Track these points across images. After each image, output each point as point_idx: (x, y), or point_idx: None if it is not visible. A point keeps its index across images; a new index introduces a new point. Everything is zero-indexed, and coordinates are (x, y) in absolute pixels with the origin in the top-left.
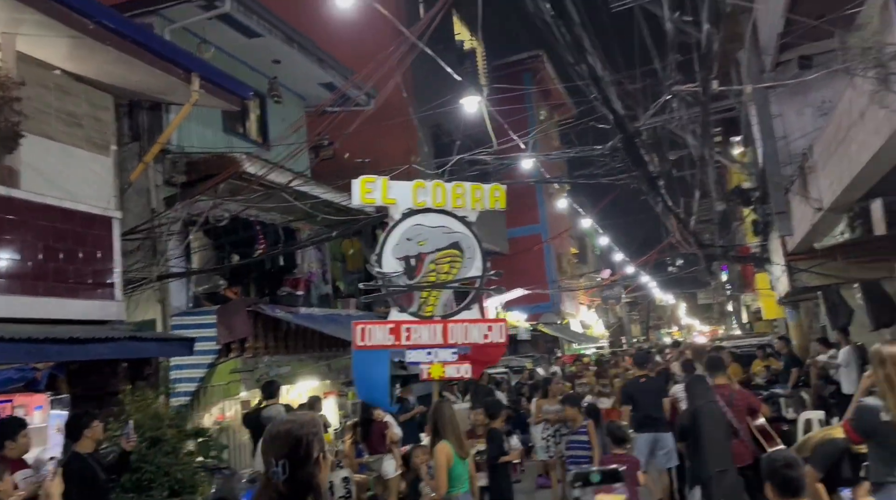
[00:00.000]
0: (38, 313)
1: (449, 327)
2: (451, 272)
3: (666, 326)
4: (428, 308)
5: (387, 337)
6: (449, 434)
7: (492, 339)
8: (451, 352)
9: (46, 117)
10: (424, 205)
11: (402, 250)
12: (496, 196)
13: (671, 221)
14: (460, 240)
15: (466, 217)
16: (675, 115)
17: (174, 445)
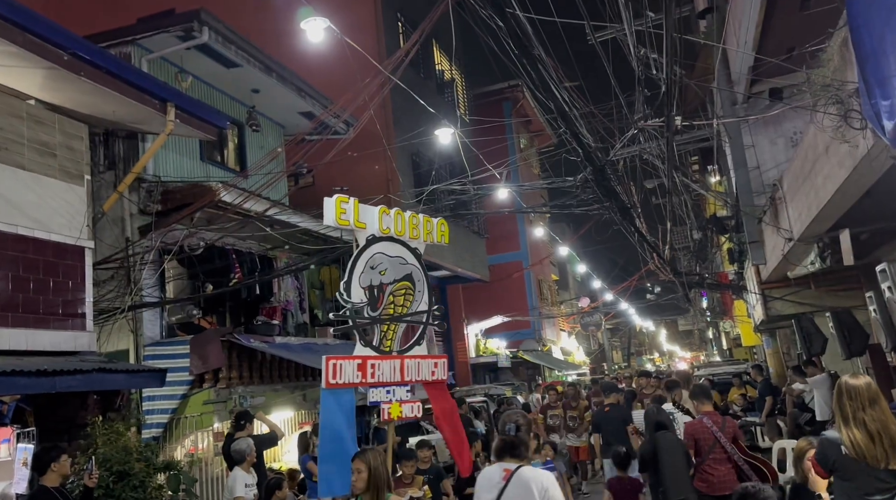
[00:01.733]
0: (6, 344)
1: (405, 364)
2: (405, 305)
3: (647, 352)
4: (387, 343)
5: (355, 374)
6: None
7: (438, 375)
8: (406, 390)
9: (19, 147)
10: (388, 232)
11: (366, 278)
12: (442, 231)
13: (646, 249)
14: (412, 272)
15: (417, 249)
16: (645, 146)
17: (142, 479)
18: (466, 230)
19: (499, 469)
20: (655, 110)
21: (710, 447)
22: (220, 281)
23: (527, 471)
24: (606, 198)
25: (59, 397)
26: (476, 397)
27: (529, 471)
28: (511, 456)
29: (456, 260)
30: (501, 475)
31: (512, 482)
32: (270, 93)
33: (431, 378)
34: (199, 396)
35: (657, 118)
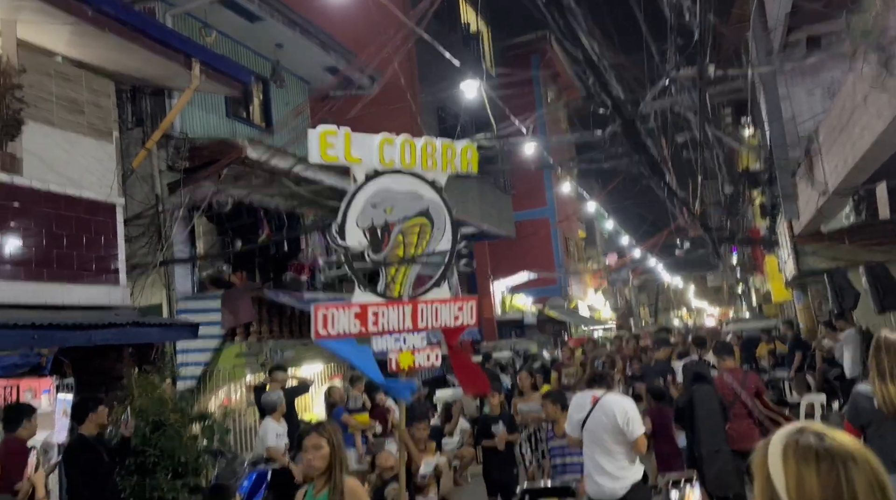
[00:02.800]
0: (43, 298)
1: (419, 309)
2: (420, 245)
3: (675, 308)
4: (395, 287)
5: (353, 323)
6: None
7: (463, 320)
8: (421, 337)
9: (48, 104)
10: (392, 165)
11: (366, 218)
12: (468, 157)
13: (676, 204)
14: (430, 207)
15: (436, 181)
16: (677, 98)
17: (177, 429)
18: (492, 187)
19: (588, 395)
20: (688, 60)
21: (731, 403)
22: (248, 238)
23: (610, 397)
24: (636, 152)
25: (96, 350)
26: (502, 352)
27: (612, 397)
28: (599, 386)
29: (482, 217)
30: (590, 400)
31: (598, 405)
32: (294, 47)
33: (455, 324)
34: (231, 349)
35: (690, 68)
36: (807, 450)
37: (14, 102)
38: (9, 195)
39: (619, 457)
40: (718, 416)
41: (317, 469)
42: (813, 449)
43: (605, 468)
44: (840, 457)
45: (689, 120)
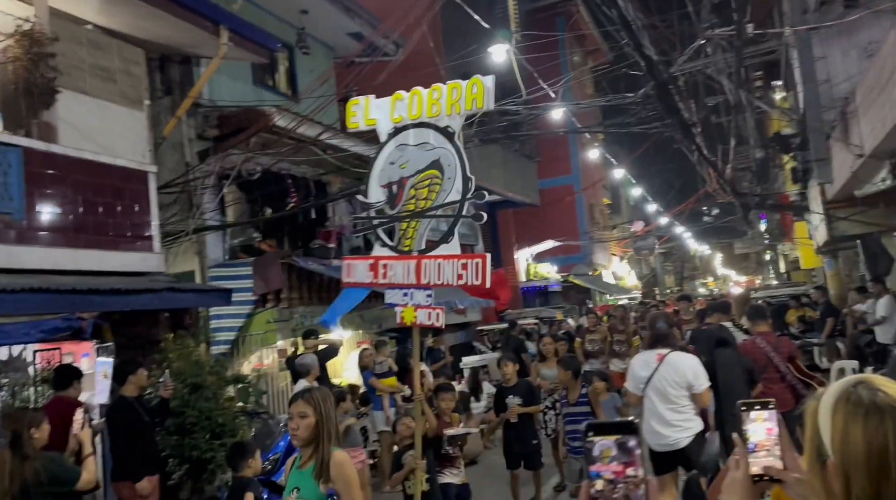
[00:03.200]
0: (81, 264)
1: (422, 264)
2: (429, 197)
3: (701, 276)
4: (406, 242)
5: (367, 274)
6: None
7: (467, 280)
8: (426, 294)
9: (80, 73)
10: (401, 120)
11: (385, 176)
12: (474, 92)
13: (707, 169)
14: (441, 157)
15: (450, 127)
16: (710, 59)
17: (215, 391)
18: (517, 154)
19: (653, 354)
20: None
21: (763, 367)
22: (277, 205)
23: (676, 355)
24: (668, 115)
25: (133, 314)
26: (528, 319)
27: (678, 355)
28: (663, 345)
29: (506, 184)
30: (655, 358)
31: (665, 362)
32: (319, 13)
33: (458, 282)
34: (263, 315)
35: (725, 27)
36: (857, 404)
37: (48, 70)
38: (46, 163)
39: (684, 410)
40: (740, 379)
41: (301, 440)
42: (863, 403)
43: (671, 420)
44: (891, 412)
45: (721, 83)
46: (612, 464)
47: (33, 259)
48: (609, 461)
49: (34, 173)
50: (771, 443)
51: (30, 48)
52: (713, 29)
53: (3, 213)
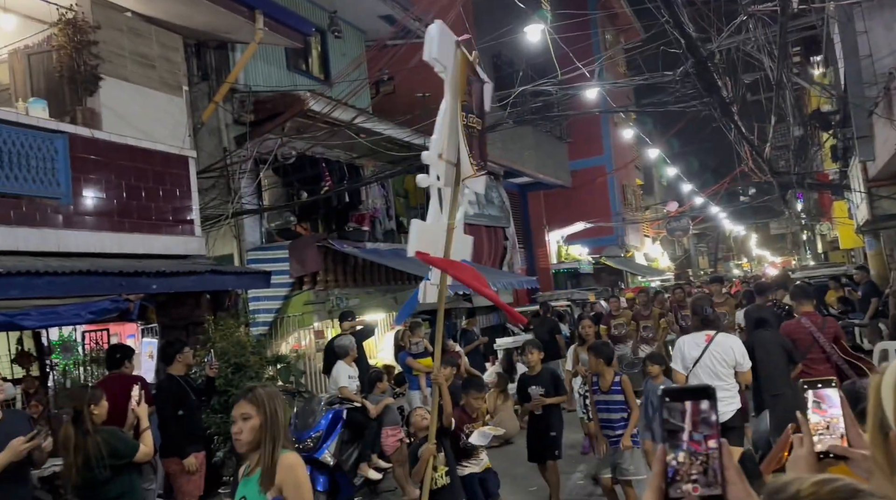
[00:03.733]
0: (125, 248)
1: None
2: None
3: (735, 257)
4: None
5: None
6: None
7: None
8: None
9: (121, 59)
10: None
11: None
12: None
13: (744, 148)
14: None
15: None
16: (751, 36)
17: (256, 370)
18: (548, 135)
19: (701, 335)
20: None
21: (808, 348)
22: (312, 189)
23: (722, 336)
24: (707, 93)
25: (176, 296)
26: (560, 302)
27: (724, 336)
28: (709, 327)
29: (537, 166)
30: (704, 339)
31: (713, 343)
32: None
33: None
34: (300, 297)
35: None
36: None
37: (91, 57)
38: (90, 149)
39: (730, 387)
40: (779, 360)
41: (245, 445)
42: None
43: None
44: None
45: (760, 59)
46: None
47: (80, 243)
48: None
49: (79, 159)
50: (834, 421)
51: (73, 36)
52: (755, 4)
53: (51, 198)
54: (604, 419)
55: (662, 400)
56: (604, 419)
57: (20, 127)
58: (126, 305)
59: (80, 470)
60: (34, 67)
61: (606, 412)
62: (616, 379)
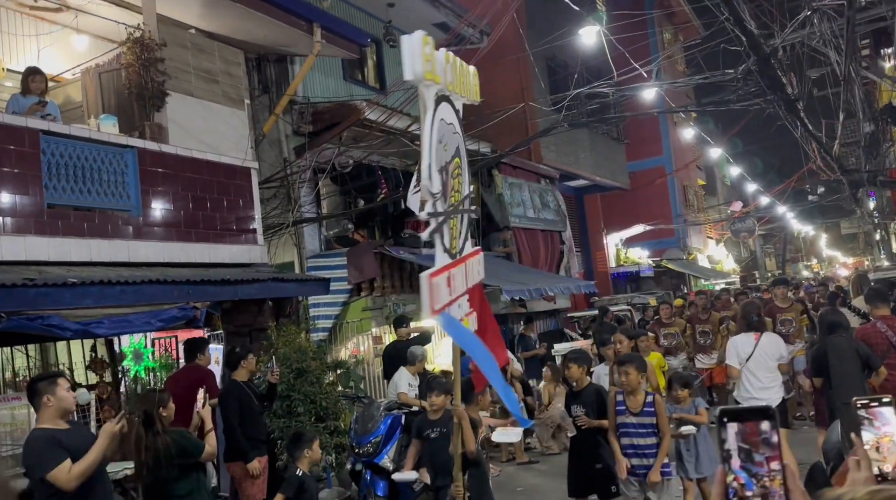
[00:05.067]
0: (192, 257)
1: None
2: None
3: (804, 259)
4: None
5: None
6: None
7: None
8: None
9: (185, 75)
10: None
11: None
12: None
13: (811, 146)
14: (459, 144)
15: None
16: (815, 30)
17: (317, 376)
18: (604, 137)
19: (750, 336)
20: None
21: (885, 353)
22: (368, 197)
23: (768, 336)
24: (771, 91)
25: (240, 303)
26: (619, 306)
27: (769, 335)
28: (756, 329)
29: (593, 168)
30: (753, 338)
31: (762, 340)
32: (405, 5)
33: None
34: (358, 303)
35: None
36: None
37: (158, 74)
38: (158, 162)
39: (776, 378)
40: (853, 366)
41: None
42: None
43: (767, 384)
44: None
45: (825, 53)
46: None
47: (150, 253)
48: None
49: (148, 172)
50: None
51: (141, 54)
52: None
53: (122, 210)
54: (631, 445)
55: (720, 421)
56: (631, 446)
57: (92, 142)
58: (193, 312)
59: (151, 469)
60: (105, 85)
61: (637, 436)
62: (649, 399)
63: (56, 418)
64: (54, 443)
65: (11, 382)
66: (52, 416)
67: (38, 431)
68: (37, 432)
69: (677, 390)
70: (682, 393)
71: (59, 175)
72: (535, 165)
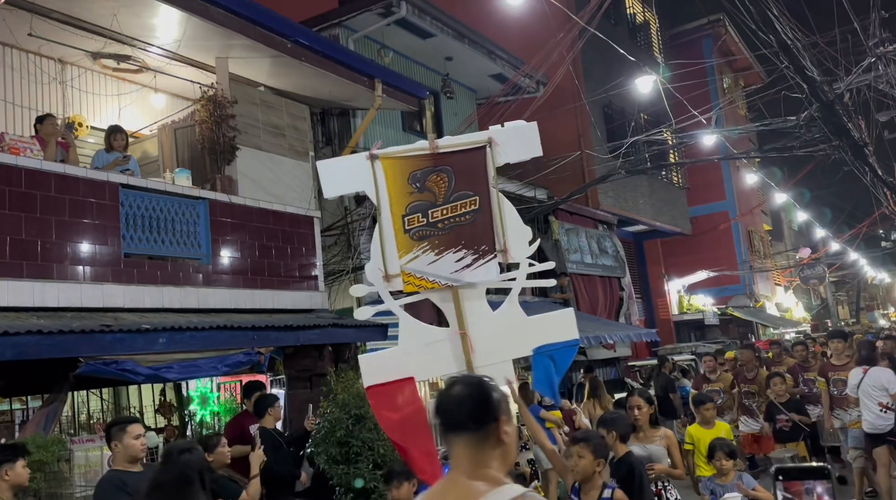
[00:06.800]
0: (257, 303)
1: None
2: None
3: (880, 306)
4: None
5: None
6: None
7: None
8: None
9: (255, 130)
10: None
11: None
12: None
13: (883, 190)
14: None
15: None
16: (881, 74)
17: (375, 422)
18: (664, 182)
19: (859, 369)
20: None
21: None
22: None
23: (876, 369)
24: (836, 136)
25: (302, 348)
26: (683, 355)
27: (877, 369)
28: (867, 364)
29: (654, 214)
30: (862, 371)
31: (869, 374)
32: (462, 58)
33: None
34: None
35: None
36: None
37: (229, 130)
38: (228, 213)
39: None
40: None
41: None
42: None
43: (879, 413)
44: None
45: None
46: None
47: (218, 299)
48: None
49: (218, 222)
50: None
51: (214, 111)
52: (884, 45)
53: (193, 258)
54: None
55: (776, 479)
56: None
57: (167, 195)
58: (257, 357)
59: None
60: (179, 140)
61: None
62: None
63: (125, 461)
64: (119, 485)
65: (86, 424)
66: (122, 459)
67: (109, 473)
68: (108, 474)
69: (721, 460)
70: (727, 464)
71: (136, 226)
72: (592, 211)
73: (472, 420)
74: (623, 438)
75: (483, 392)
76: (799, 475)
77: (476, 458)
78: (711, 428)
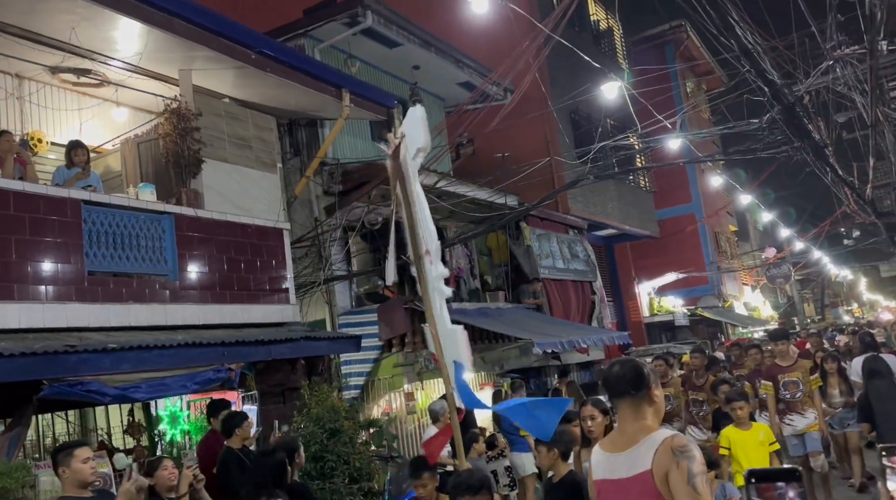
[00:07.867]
0: (227, 318)
1: None
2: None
3: (843, 303)
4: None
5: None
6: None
7: None
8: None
9: (221, 142)
10: None
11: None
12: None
13: (843, 190)
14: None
15: None
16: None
17: (350, 435)
18: (631, 186)
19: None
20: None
21: None
22: (398, 253)
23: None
24: (798, 138)
25: (273, 363)
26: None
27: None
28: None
29: (622, 217)
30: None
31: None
32: (430, 67)
33: None
34: (389, 360)
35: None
36: None
37: (194, 143)
38: (194, 227)
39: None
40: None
41: None
42: None
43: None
44: None
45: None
46: None
47: (186, 316)
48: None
49: (184, 237)
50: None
51: (178, 124)
52: (841, 48)
53: (160, 275)
54: None
55: (748, 482)
56: None
57: (131, 210)
58: (228, 374)
59: None
60: (143, 154)
61: None
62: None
63: (74, 487)
64: None
65: (51, 447)
66: (71, 485)
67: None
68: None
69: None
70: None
71: (100, 243)
72: (562, 216)
73: (632, 388)
74: (564, 455)
75: (637, 368)
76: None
77: (636, 414)
78: (748, 430)
